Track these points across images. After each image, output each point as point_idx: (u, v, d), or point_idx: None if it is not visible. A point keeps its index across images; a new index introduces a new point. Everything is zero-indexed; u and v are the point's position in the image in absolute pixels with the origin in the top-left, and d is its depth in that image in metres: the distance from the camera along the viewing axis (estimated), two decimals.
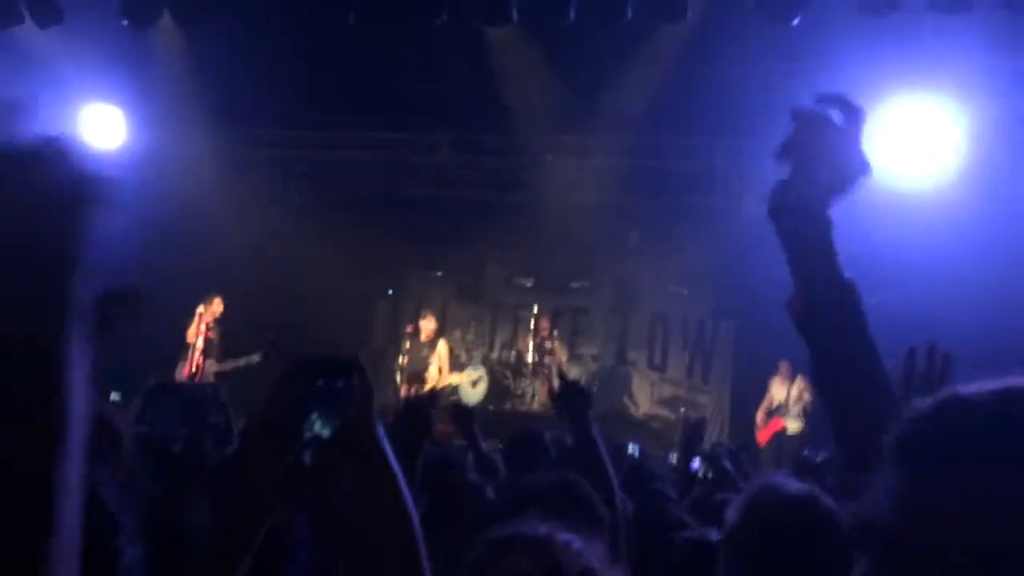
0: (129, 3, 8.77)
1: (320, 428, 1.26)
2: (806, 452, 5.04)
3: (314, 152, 12.16)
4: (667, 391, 12.47)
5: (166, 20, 9.08)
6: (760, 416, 10.60)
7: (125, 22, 8.87)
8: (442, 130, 11.66)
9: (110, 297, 1.56)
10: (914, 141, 9.57)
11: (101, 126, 10.92)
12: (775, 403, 10.48)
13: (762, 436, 10.50)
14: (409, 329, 11.27)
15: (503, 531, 1.43)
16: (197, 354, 10.12)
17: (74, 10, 9.20)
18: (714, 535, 2.27)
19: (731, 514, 1.84)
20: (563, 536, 1.37)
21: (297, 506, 1.72)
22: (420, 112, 11.09)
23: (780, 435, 10.31)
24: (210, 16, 8.75)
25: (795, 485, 1.86)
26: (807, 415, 10.20)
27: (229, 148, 11.64)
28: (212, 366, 10.19)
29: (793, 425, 10.28)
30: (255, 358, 10.24)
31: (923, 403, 0.81)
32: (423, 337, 10.61)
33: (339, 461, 1.27)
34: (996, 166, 9.03)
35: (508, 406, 11.91)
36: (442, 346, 10.68)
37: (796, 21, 8.48)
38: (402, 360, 10.63)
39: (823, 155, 1.40)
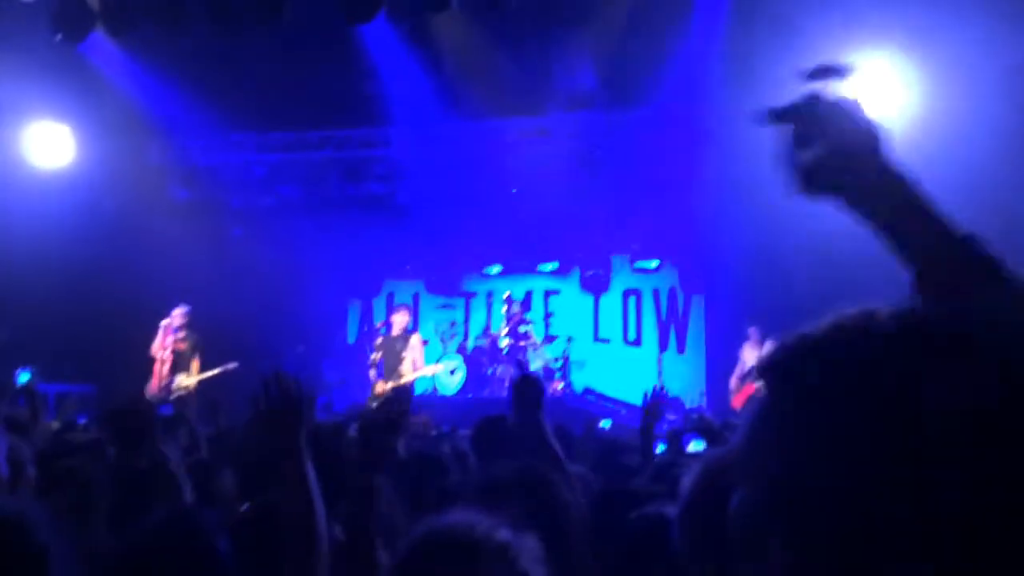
0: (60, 17, 8.62)
1: None
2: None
3: (270, 155, 12.03)
4: (643, 364, 12.46)
5: (101, 33, 8.94)
6: (734, 382, 10.63)
7: (59, 36, 8.72)
8: (394, 123, 11.56)
9: None
10: (866, 100, 9.54)
11: (48, 143, 10.81)
12: (747, 368, 10.50)
13: (736, 401, 10.52)
14: (380, 325, 11.23)
15: (431, 532, 1.37)
16: (164, 367, 9.99)
17: (6, 28, 9.04)
18: (670, 510, 2.24)
19: (685, 484, 1.80)
20: (496, 539, 1.32)
21: None
22: (371, 108, 11.00)
23: (754, 397, 10.33)
24: (142, 26, 8.60)
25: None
26: None
27: (180, 157, 11.51)
28: (185, 378, 10.07)
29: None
30: (231, 366, 10.14)
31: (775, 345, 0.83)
32: (395, 331, 10.54)
33: None
34: (948, 120, 9.01)
35: (486, 393, 11.88)
36: (415, 339, 10.62)
37: None
38: (375, 356, 10.56)
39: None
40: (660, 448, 5.34)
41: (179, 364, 10.04)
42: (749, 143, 10.47)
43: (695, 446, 5.36)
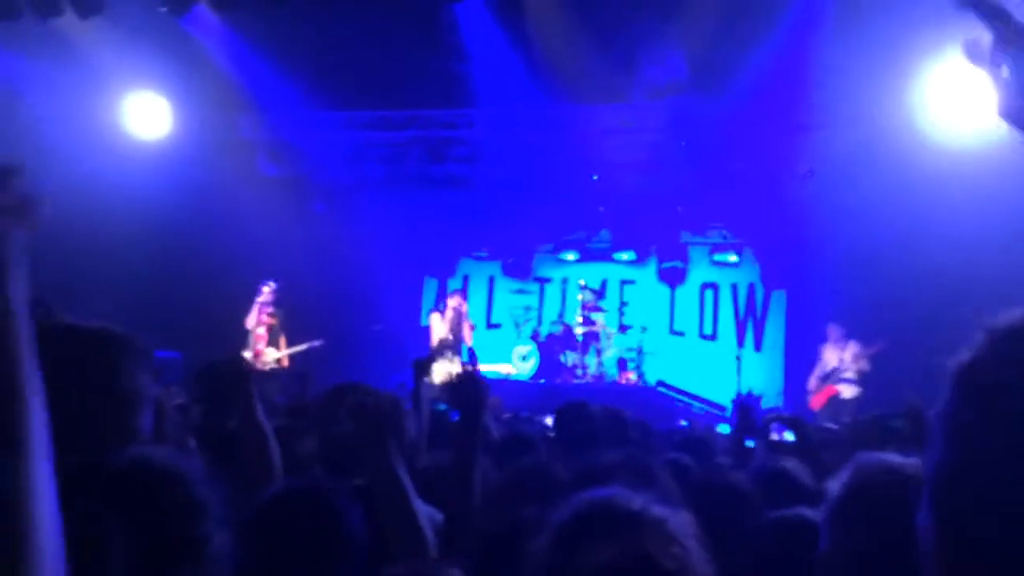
0: None
1: None
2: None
3: (355, 132, 12.15)
4: (717, 360, 12.30)
5: (204, 6, 9.13)
6: (813, 382, 10.41)
7: (163, 8, 8.93)
8: (479, 105, 11.56)
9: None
10: (963, 98, 9.20)
11: (146, 114, 11.09)
12: (828, 368, 10.28)
13: (815, 402, 10.32)
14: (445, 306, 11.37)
15: (591, 501, 1.36)
16: (257, 341, 10.29)
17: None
18: (806, 513, 2.19)
19: (835, 488, 1.74)
20: (655, 512, 1.31)
21: None
22: (458, 88, 11.03)
23: (835, 400, 10.11)
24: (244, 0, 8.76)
25: (900, 458, 1.77)
26: (862, 380, 9.99)
27: (270, 132, 11.70)
28: (272, 352, 10.35)
29: (847, 391, 10.07)
30: (316, 343, 10.43)
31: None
32: (449, 315, 10.71)
33: None
34: None
35: (559, 380, 11.86)
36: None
37: None
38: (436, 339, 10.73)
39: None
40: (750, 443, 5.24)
41: (271, 339, 10.34)
42: (841, 136, 10.27)
43: (787, 436, 5.22)
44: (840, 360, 10.14)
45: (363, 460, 2.28)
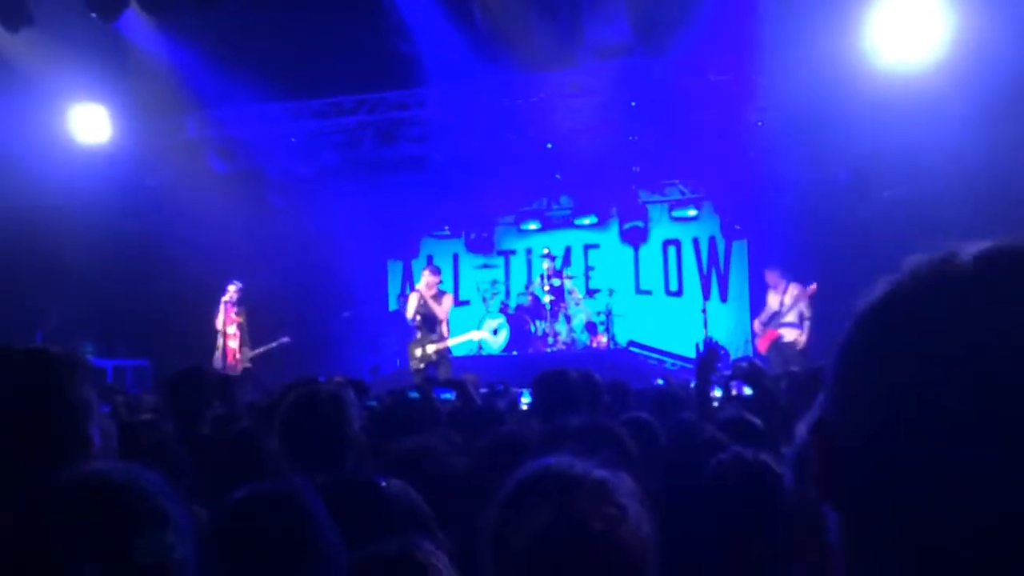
0: None
1: None
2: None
3: (305, 122, 12.05)
4: (686, 315, 12.43)
5: (134, 9, 8.98)
6: (756, 325, 10.51)
7: (93, 15, 8.77)
8: (428, 83, 11.49)
9: None
10: (911, 36, 9.28)
11: (89, 123, 10.91)
12: (771, 312, 10.30)
13: (760, 345, 10.40)
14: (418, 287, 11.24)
15: (533, 470, 1.42)
16: (229, 341, 10.27)
17: (42, 9, 9.09)
18: (748, 453, 2.27)
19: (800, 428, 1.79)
20: (593, 476, 1.37)
21: None
22: (404, 69, 10.95)
23: (778, 343, 10.09)
24: (174, 0, 8.64)
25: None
26: (804, 323, 9.89)
27: (218, 130, 11.58)
28: (247, 352, 10.35)
29: (789, 334, 9.97)
30: (285, 340, 10.46)
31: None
32: (430, 294, 10.56)
33: None
34: (988, 44, 8.75)
35: (531, 350, 11.94)
36: (447, 300, 10.68)
37: None
38: (418, 318, 10.61)
39: None
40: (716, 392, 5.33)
41: (243, 338, 10.33)
42: (789, 80, 10.33)
43: (746, 391, 5.33)
44: (780, 304, 10.14)
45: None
